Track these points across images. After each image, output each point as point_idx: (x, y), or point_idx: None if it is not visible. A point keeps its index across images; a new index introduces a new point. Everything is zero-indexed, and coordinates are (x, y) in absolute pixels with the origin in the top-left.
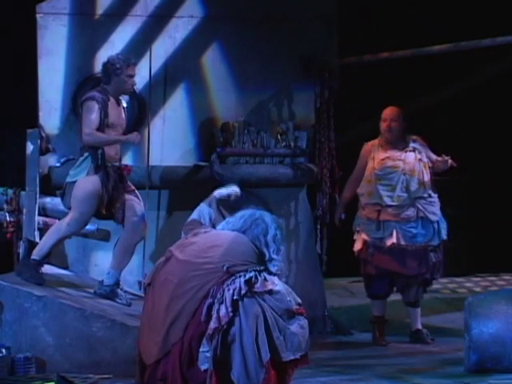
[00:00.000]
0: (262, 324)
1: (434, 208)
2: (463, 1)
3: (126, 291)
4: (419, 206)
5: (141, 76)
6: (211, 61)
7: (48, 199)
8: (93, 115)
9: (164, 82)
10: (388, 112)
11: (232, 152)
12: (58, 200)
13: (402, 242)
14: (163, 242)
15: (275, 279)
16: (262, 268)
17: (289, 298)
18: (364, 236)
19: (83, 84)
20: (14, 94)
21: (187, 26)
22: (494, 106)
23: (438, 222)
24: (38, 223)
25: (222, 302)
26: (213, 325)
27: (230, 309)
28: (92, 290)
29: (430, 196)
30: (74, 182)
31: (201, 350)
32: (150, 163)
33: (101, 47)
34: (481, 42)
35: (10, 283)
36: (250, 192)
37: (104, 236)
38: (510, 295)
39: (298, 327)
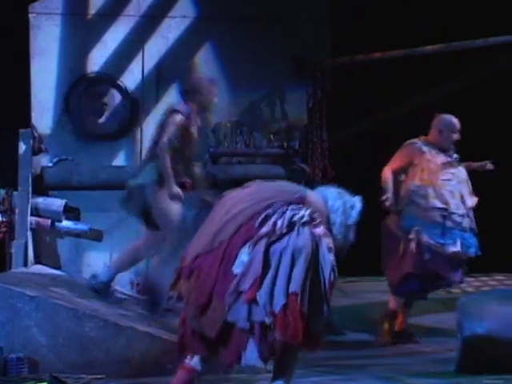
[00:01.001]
0: (307, 259)
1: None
2: (456, 1)
3: (116, 290)
4: (471, 216)
5: (133, 76)
6: (204, 61)
7: (40, 199)
8: (173, 131)
9: (157, 81)
10: (459, 124)
11: (224, 152)
12: (50, 200)
13: (463, 251)
14: None
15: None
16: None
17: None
18: (425, 238)
19: (75, 84)
20: (11, 93)
21: (180, 26)
22: (487, 106)
23: None
24: (31, 223)
25: (280, 217)
26: (265, 229)
27: (285, 224)
28: (85, 291)
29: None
30: (141, 185)
31: (241, 251)
32: None
33: (93, 47)
34: (473, 43)
35: (3, 283)
36: None
37: (96, 236)
38: (503, 295)
39: (326, 309)
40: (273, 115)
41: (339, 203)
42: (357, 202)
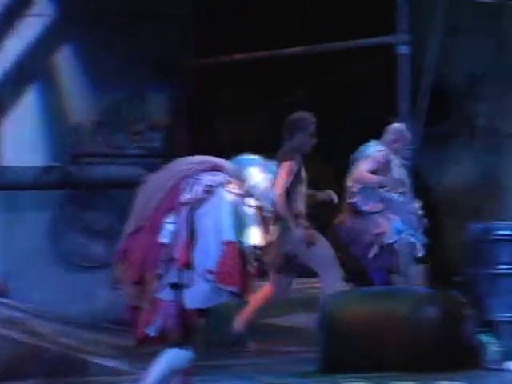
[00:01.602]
0: (230, 214)
1: None
2: (324, 3)
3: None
4: None
5: None
6: (64, 60)
7: None
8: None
9: (15, 81)
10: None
11: (85, 152)
12: None
13: None
14: (13, 244)
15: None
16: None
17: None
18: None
19: None
20: None
21: (39, 25)
22: (354, 106)
23: None
24: None
25: (198, 184)
26: (185, 197)
27: (204, 189)
28: None
29: None
30: None
31: (166, 220)
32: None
33: None
34: (335, 45)
35: None
36: (103, 193)
37: None
38: (365, 294)
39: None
40: (135, 116)
41: (254, 168)
42: (271, 165)
